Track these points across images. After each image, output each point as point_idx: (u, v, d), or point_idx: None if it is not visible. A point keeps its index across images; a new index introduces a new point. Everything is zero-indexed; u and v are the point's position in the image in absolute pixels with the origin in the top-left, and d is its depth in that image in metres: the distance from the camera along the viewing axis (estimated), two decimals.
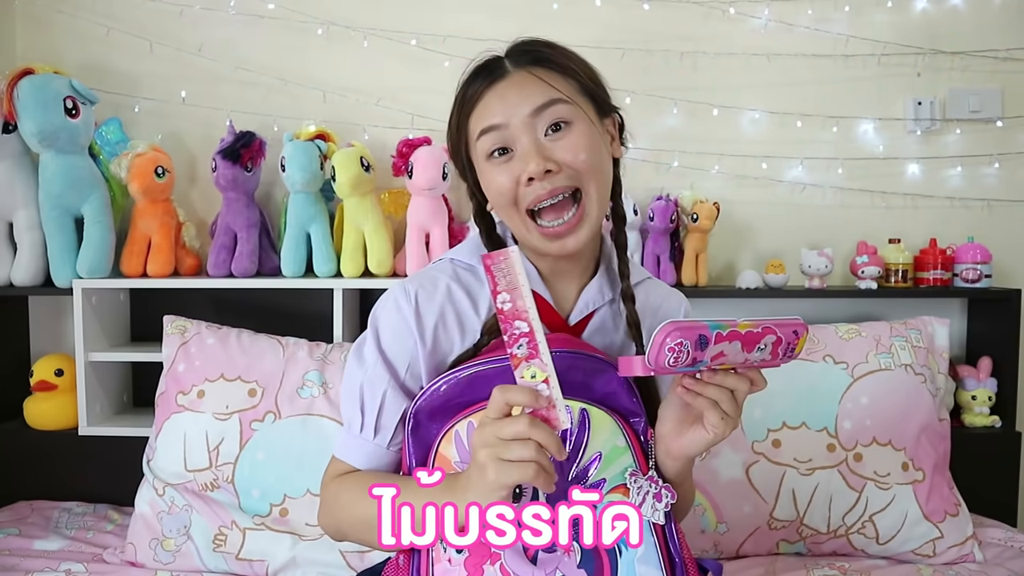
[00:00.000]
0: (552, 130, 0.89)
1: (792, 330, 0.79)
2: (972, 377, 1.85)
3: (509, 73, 0.91)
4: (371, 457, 0.94)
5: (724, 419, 0.82)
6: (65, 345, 1.95)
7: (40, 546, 1.57)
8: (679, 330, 0.72)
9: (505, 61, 0.93)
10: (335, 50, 1.92)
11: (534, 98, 0.89)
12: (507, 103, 0.89)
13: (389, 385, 0.93)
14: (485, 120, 0.90)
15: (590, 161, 0.90)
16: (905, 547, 1.54)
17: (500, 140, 0.90)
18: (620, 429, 0.88)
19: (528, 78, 0.90)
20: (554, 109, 0.89)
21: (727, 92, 1.94)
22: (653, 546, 0.85)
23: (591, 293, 0.98)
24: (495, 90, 0.91)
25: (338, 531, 0.95)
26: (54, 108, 1.67)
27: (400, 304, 0.94)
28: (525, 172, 0.88)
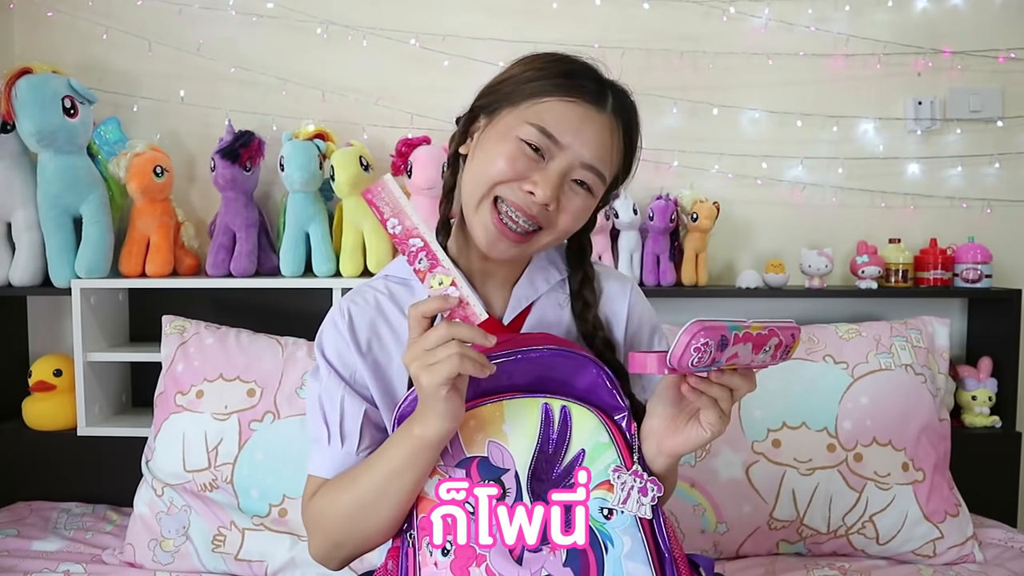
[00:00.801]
0: (577, 183, 0.91)
1: (790, 333, 0.81)
2: (972, 377, 1.84)
3: (605, 112, 0.91)
4: (343, 466, 0.93)
5: (721, 418, 0.82)
6: (64, 345, 1.94)
7: (39, 547, 1.56)
8: (705, 331, 0.71)
9: (611, 97, 0.92)
10: (334, 49, 1.91)
11: (597, 154, 0.90)
12: (582, 135, 0.89)
13: (345, 391, 0.94)
14: (554, 126, 0.88)
15: (568, 227, 0.93)
16: (905, 547, 1.54)
17: (545, 147, 0.88)
18: (603, 425, 0.88)
19: (612, 135, 0.91)
20: (593, 177, 0.91)
21: (727, 91, 1.93)
22: (641, 542, 0.84)
23: (522, 289, 1.00)
24: (587, 115, 0.89)
25: (334, 545, 0.93)
26: (52, 108, 1.66)
27: (336, 322, 0.98)
28: (533, 188, 0.88)
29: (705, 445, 0.86)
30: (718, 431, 0.83)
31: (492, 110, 0.93)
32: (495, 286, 1.00)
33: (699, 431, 0.84)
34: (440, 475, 0.85)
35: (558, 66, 0.91)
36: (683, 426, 0.85)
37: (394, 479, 0.84)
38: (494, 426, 0.86)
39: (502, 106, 0.92)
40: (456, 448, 0.86)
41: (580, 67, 0.92)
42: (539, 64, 0.92)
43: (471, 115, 0.97)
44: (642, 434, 0.89)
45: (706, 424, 0.83)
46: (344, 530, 0.91)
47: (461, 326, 0.76)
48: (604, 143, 0.90)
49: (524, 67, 0.93)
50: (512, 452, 0.86)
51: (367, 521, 0.88)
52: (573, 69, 0.91)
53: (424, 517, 0.84)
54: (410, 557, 0.86)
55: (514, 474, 0.85)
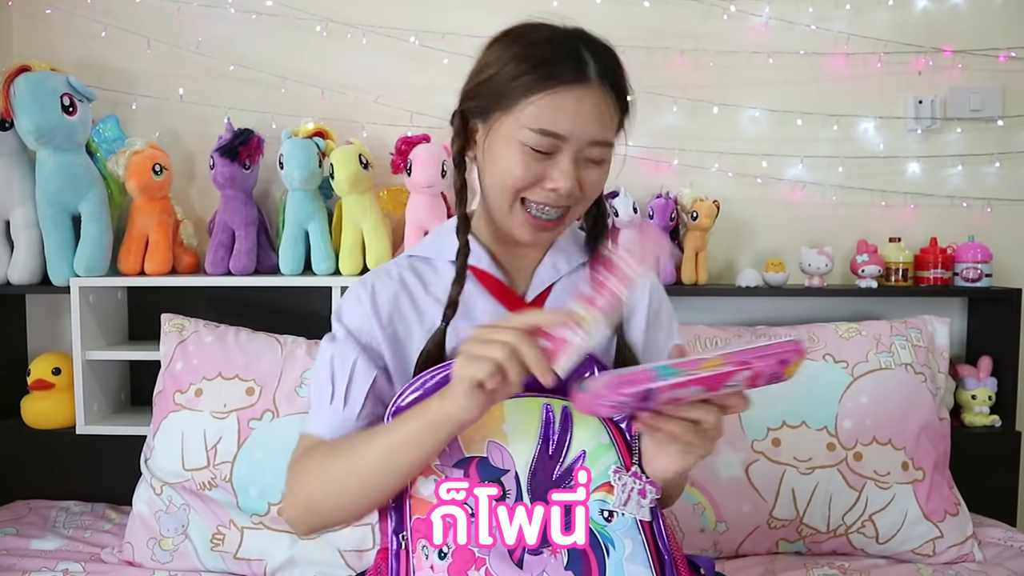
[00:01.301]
0: (590, 162, 0.91)
1: (779, 360, 0.72)
2: (972, 376, 1.84)
3: (592, 83, 0.89)
4: (340, 429, 0.92)
5: (686, 450, 0.80)
6: (62, 344, 1.94)
7: (37, 545, 1.56)
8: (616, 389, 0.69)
9: (591, 63, 0.89)
10: (334, 47, 1.91)
11: (600, 128, 0.89)
12: (579, 118, 0.87)
13: (359, 355, 0.94)
14: (552, 122, 0.87)
15: (594, 195, 0.95)
16: (905, 546, 1.54)
17: (549, 146, 0.88)
18: (603, 426, 0.87)
19: (604, 102, 0.90)
20: (604, 149, 0.91)
21: (727, 90, 1.93)
22: (641, 544, 0.84)
23: (545, 270, 1.00)
24: (577, 94, 0.88)
25: (307, 507, 0.89)
26: (51, 105, 1.66)
27: (359, 294, 0.98)
28: (554, 184, 0.88)
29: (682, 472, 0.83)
30: (685, 463, 0.81)
31: (484, 115, 0.92)
32: (520, 263, 1.01)
33: (668, 460, 0.82)
34: (436, 475, 0.84)
35: (534, 55, 0.89)
36: (662, 451, 0.83)
37: (394, 454, 0.82)
38: (493, 425, 0.86)
39: (493, 111, 0.91)
40: (454, 448, 0.85)
41: (555, 48, 0.90)
42: (516, 55, 0.90)
43: (463, 117, 0.96)
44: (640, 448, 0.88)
45: (672, 455, 0.81)
46: (326, 495, 0.88)
47: (530, 345, 0.73)
48: (601, 114, 0.89)
49: (501, 62, 0.91)
50: (512, 452, 0.85)
51: (353, 491, 0.85)
52: (549, 55, 0.89)
53: (419, 519, 0.83)
54: (402, 560, 0.84)
55: (514, 475, 0.84)
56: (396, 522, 0.87)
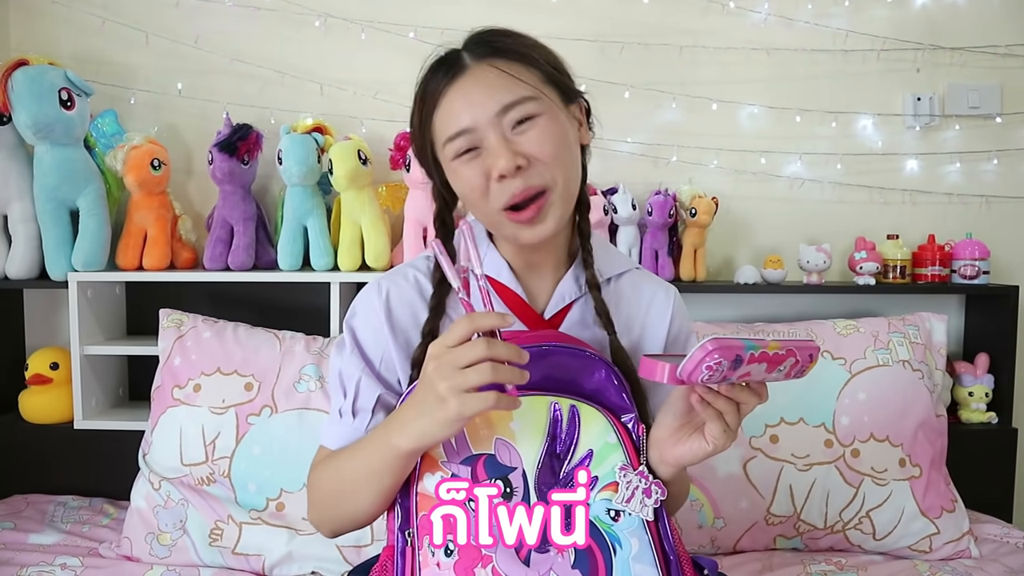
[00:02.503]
0: (518, 123, 0.88)
1: (808, 354, 0.78)
2: (969, 373, 1.85)
3: (469, 68, 0.89)
4: (349, 439, 0.94)
5: (726, 432, 0.81)
6: (60, 338, 1.94)
7: (35, 540, 1.56)
8: (720, 350, 0.70)
9: (464, 55, 0.90)
10: (332, 42, 1.90)
11: (500, 96, 0.87)
12: (471, 102, 0.87)
13: (363, 372, 0.95)
14: (451, 125, 0.88)
15: (557, 153, 0.89)
16: (902, 543, 1.54)
17: (468, 142, 0.88)
18: (611, 426, 0.87)
19: (490, 72, 0.88)
20: (521, 107, 0.87)
21: (726, 86, 1.93)
22: (648, 544, 0.84)
23: (567, 285, 0.98)
24: (457, 87, 0.88)
25: (319, 518, 0.96)
26: (49, 100, 1.66)
27: (372, 301, 0.97)
28: (496, 169, 0.86)
29: (706, 458, 0.84)
30: (721, 445, 0.82)
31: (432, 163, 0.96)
32: (539, 279, 0.99)
33: (702, 443, 0.83)
34: (444, 472, 0.84)
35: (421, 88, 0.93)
36: (686, 437, 0.84)
37: (372, 478, 0.85)
38: (501, 423, 0.85)
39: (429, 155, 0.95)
40: (462, 445, 0.85)
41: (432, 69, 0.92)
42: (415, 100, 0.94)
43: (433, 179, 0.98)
44: (648, 442, 0.88)
45: (710, 437, 0.82)
46: (327, 508, 0.94)
47: (499, 345, 0.73)
48: (492, 84, 0.87)
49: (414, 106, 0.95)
50: (520, 451, 0.85)
51: (346, 506, 0.90)
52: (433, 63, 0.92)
53: (425, 516, 0.83)
54: (408, 557, 0.84)
55: (521, 473, 0.84)
56: (402, 519, 0.86)
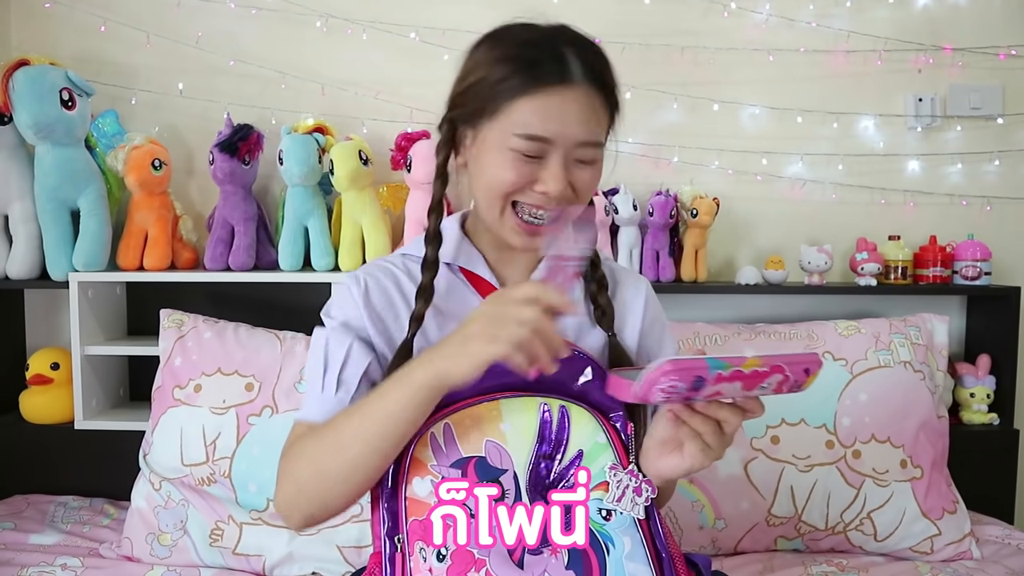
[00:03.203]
0: (580, 163, 0.90)
1: (803, 368, 0.75)
2: (971, 374, 1.84)
3: (576, 83, 0.87)
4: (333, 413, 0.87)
5: (704, 451, 0.80)
6: (61, 339, 1.94)
7: (36, 540, 1.56)
8: (676, 371, 0.69)
9: (574, 63, 0.88)
10: (334, 43, 1.90)
11: (586, 130, 0.88)
12: (565, 121, 0.86)
13: (354, 340, 0.92)
14: (537, 126, 0.86)
15: (589, 194, 0.93)
16: (903, 544, 1.54)
17: (538, 150, 0.87)
18: (600, 425, 0.87)
19: (590, 102, 0.88)
20: (592, 150, 0.89)
21: (727, 87, 1.93)
22: (640, 542, 0.84)
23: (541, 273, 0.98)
24: (561, 95, 0.86)
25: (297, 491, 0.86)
26: (50, 100, 1.66)
27: (351, 288, 0.96)
28: (545, 187, 0.87)
29: (687, 475, 0.84)
30: (698, 463, 0.81)
31: (473, 122, 0.92)
32: (512, 268, 1.00)
33: (679, 460, 0.82)
34: (433, 476, 0.83)
35: (518, 57, 0.88)
36: (668, 452, 0.84)
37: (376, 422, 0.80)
38: (491, 425, 0.85)
39: (481, 117, 0.91)
40: (451, 447, 0.85)
41: (538, 50, 0.89)
42: (499, 58, 0.89)
43: (451, 125, 0.96)
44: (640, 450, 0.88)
45: (686, 454, 0.81)
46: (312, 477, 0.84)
47: (551, 291, 0.74)
48: (587, 114, 0.88)
49: (485, 66, 0.90)
50: (511, 452, 0.85)
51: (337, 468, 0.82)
52: (532, 57, 0.88)
53: (415, 521, 0.82)
54: (398, 563, 0.83)
55: (512, 474, 0.84)
56: (390, 524, 0.85)
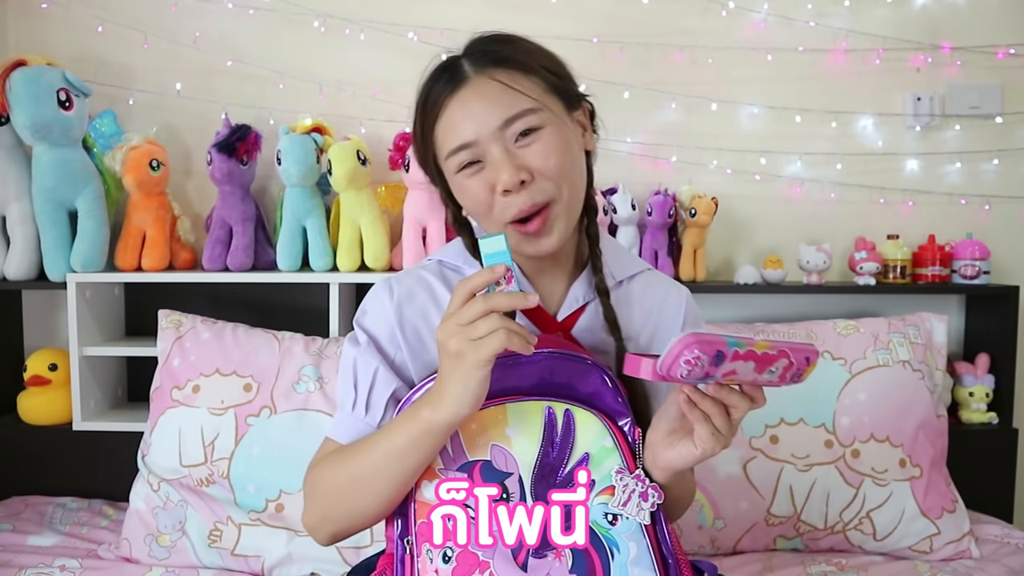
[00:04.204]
0: (521, 136, 0.87)
1: (804, 356, 0.76)
2: (970, 374, 1.84)
3: (470, 79, 0.88)
4: (360, 435, 0.91)
5: (715, 435, 0.80)
6: (59, 339, 1.93)
7: (34, 542, 1.56)
8: (699, 344, 0.69)
9: (464, 64, 0.89)
10: (332, 43, 1.90)
11: (501, 109, 0.86)
12: (473, 115, 0.86)
13: (381, 363, 0.93)
14: (453, 138, 0.88)
15: (560, 165, 0.88)
16: (902, 543, 1.54)
17: (472, 155, 0.87)
18: (607, 430, 0.87)
19: (491, 85, 0.87)
20: (523, 120, 0.86)
21: (726, 86, 1.93)
22: (646, 548, 0.83)
23: (580, 288, 0.97)
24: (459, 99, 0.87)
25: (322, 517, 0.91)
26: (47, 100, 1.65)
27: (384, 302, 0.96)
28: (499, 184, 0.86)
29: (697, 463, 0.84)
30: (709, 449, 0.81)
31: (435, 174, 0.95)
32: (550, 281, 0.98)
33: (690, 447, 0.82)
34: (440, 479, 0.83)
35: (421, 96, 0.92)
36: (677, 441, 0.84)
37: (394, 460, 0.82)
38: (497, 429, 0.85)
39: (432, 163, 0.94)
40: (458, 451, 0.85)
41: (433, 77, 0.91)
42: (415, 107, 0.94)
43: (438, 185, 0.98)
44: (644, 444, 0.88)
45: (698, 440, 0.81)
46: (334, 504, 0.89)
47: (498, 295, 0.74)
48: (491, 97, 0.86)
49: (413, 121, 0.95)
50: (516, 456, 0.84)
51: (358, 499, 0.86)
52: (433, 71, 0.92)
53: (423, 523, 0.83)
54: (407, 564, 0.84)
55: (518, 478, 0.84)
56: (402, 527, 0.86)
